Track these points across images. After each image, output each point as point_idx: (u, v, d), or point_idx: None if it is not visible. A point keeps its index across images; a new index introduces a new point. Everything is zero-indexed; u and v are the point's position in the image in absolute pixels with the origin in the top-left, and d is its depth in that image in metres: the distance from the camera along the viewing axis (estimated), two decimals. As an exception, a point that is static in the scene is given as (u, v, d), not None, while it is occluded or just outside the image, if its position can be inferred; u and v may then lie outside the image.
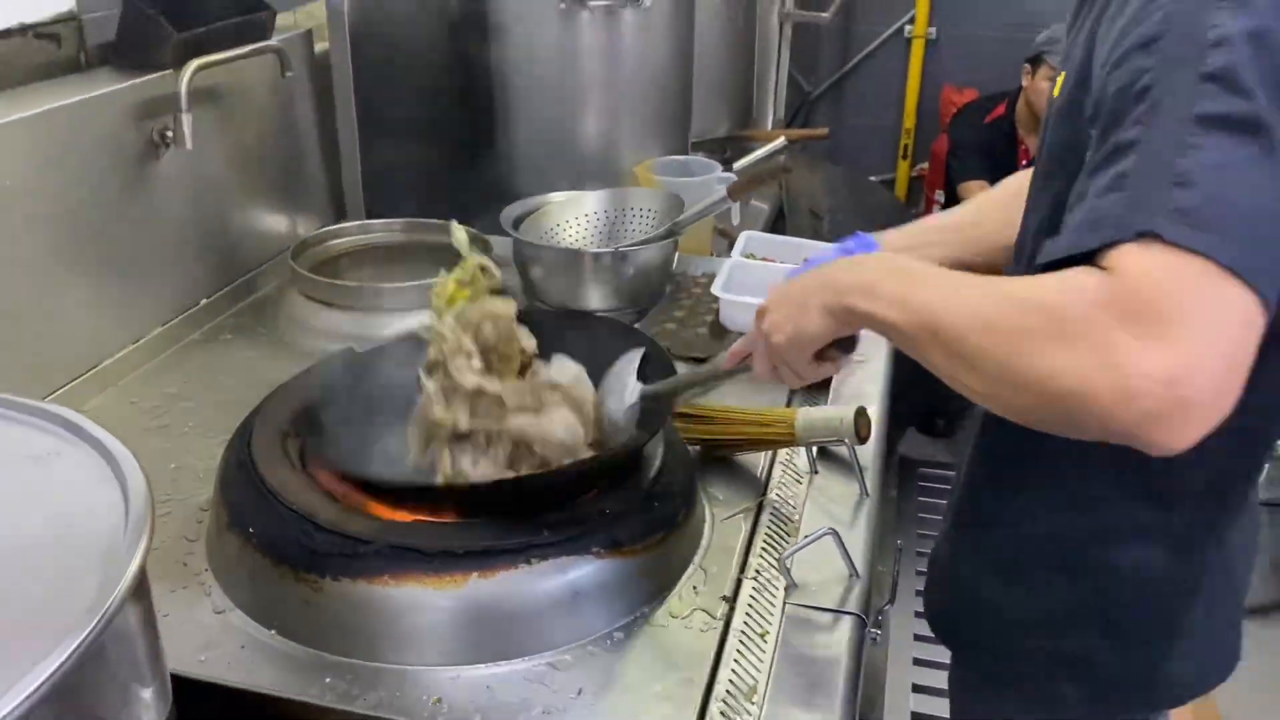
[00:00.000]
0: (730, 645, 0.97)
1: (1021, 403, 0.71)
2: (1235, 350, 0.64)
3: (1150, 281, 0.64)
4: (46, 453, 0.68)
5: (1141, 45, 0.70)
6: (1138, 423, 0.64)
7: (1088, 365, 0.65)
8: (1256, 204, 0.65)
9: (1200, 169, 0.65)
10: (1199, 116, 0.66)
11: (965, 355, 0.72)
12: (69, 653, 0.54)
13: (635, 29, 1.86)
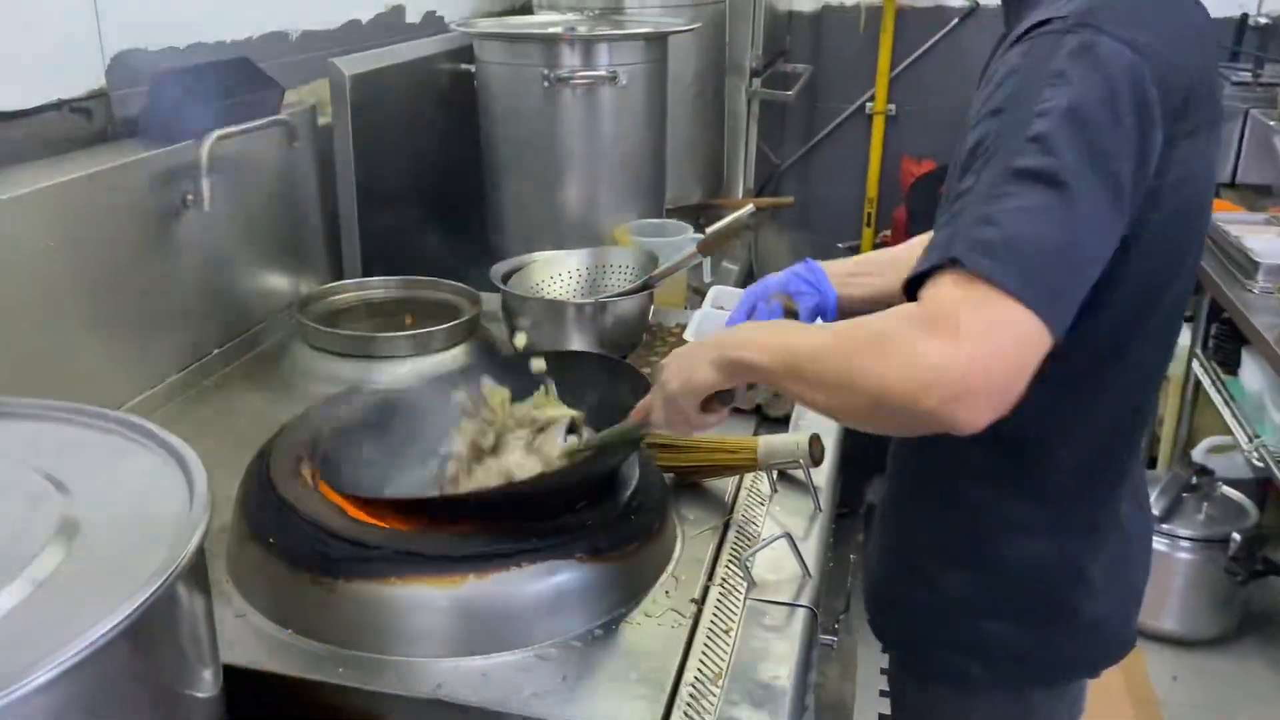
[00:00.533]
0: (698, 639, 1.09)
1: (857, 407, 0.87)
2: (1012, 358, 0.79)
3: (949, 298, 0.81)
4: (119, 452, 0.81)
5: (992, 112, 0.87)
6: (938, 408, 0.79)
7: (898, 367, 0.81)
8: (1044, 243, 0.80)
9: (1005, 212, 0.81)
10: (1015, 170, 0.82)
11: (813, 378, 0.89)
12: (149, 594, 0.66)
13: (613, 105, 2.04)
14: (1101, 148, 0.82)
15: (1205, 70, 0.94)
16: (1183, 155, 0.90)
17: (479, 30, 2.15)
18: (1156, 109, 0.85)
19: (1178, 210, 0.93)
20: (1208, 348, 2.50)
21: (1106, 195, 0.82)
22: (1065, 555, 1.08)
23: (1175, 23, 0.91)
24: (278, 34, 2.02)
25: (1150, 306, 0.99)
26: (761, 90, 2.90)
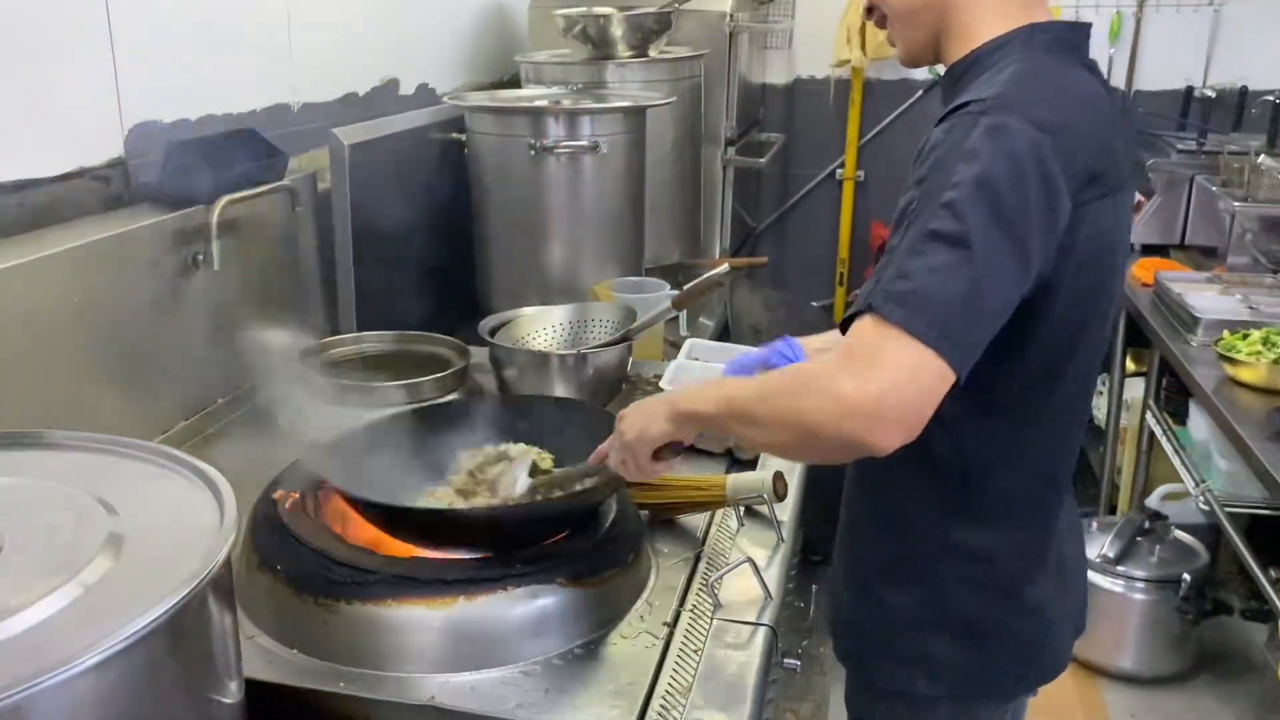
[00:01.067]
0: (670, 657, 1.19)
1: (789, 442, 1.01)
2: (917, 391, 0.93)
3: (865, 340, 0.95)
4: (157, 477, 0.93)
5: (917, 181, 1.01)
6: (856, 434, 0.93)
7: (821, 401, 0.94)
8: (948, 296, 0.94)
9: (918, 269, 0.95)
10: (929, 232, 0.96)
11: (751, 419, 1.03)
12: (184, 595, 0.77)
13: (594, 171, 2.19)
14: (1006, 213, 0.95)
15: (1109, 143, 1.08)
16: (1090, 215, 1.04)
17: (470, 103, 2.30)
18: (1060, 179, 0.99)
19: (1090, 262, 1.06)
20: (1160, 400, 2.64)
21: (1010, 254, 0.96)
22: (1003, 576, 1.19)
23: (1079, 105, 1.05)
24: (281, 106, 2.16)
25: (1072, 347, 1.11)
26: (736, 158, 3.07)
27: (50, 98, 1.60)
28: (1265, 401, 1.95)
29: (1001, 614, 1.20)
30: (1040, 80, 1.04)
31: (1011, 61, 1.06)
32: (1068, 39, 1.12)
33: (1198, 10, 3.53)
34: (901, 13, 1.16)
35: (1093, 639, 2.63)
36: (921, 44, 1.17)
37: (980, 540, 1.18)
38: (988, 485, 1.15)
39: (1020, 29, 1.10)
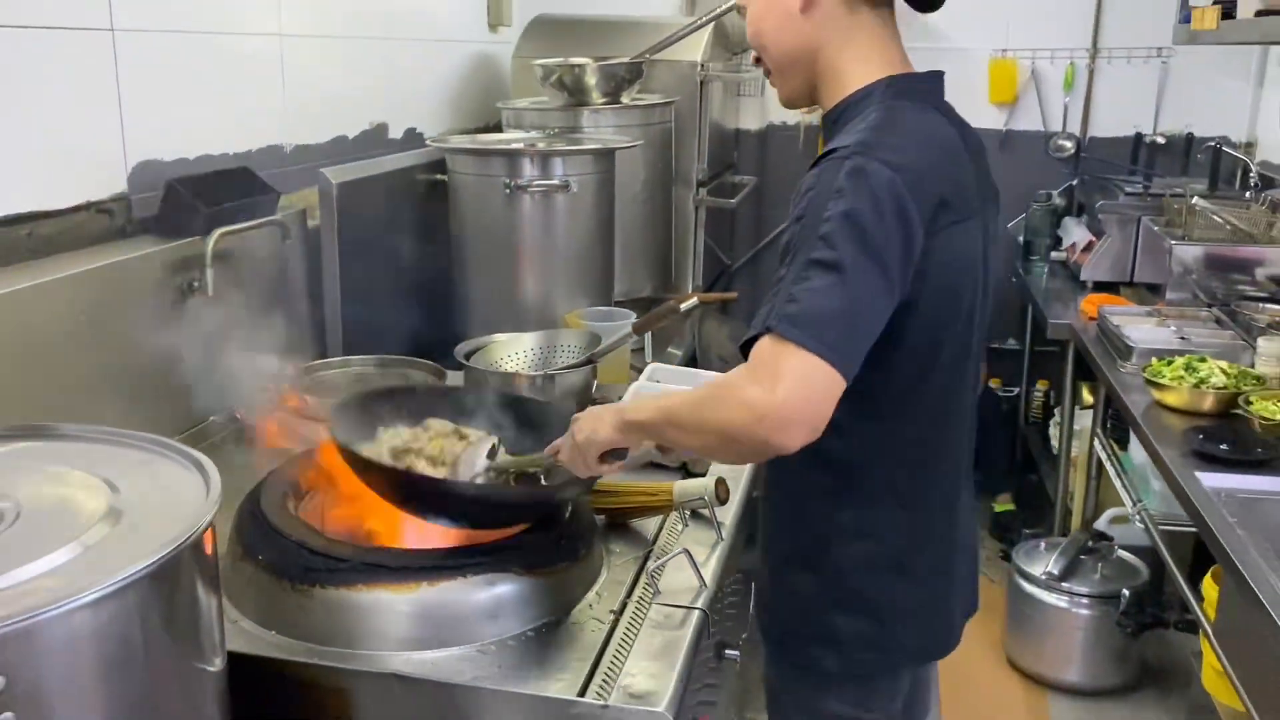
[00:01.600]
0: (614, 639, 1.32)
1: (714, 445, 1.17)
2: (814, 395, 1.09)
3: (766, 356, 1.10)
4: (155, 463, 1.06)
5: (796, 219, 1.17)
6: (766, 436, 1.09)
7: (735, 410, 1.10)
8: (831, 313, 1.09)
9: (804, 292, 1.10)
10: (809, 260, 1.11)
11: (681, 426, 1.19)
12: (169, 551, 0.90)
13: (566, 208, 2.35)
14: (871, 242, 1.11)
15: (957, 178, 1.24)
16: (942, 240, 1.19)
17: (451, 145, 2.47)
18: (913, 211, 1.14)
19: (943, 281, 1.22)
20: (1106, 427, 2.78)
21: (876, 274, 1.12)
22: (887, 553, 1.33)
23: (928, 145, 1.21)
24: (275, 147, 2.32)
25: (934, 355, 1.26)
26: (707, 198, 3.23)
27: (61, 137, 1.76)
28: (1188, 423, 2.09)
29: (891, 589, 1.33)
30: (895, 125, 1.20)
31: (873, 109, 1.23)
32: (921, 87, 1.29)
33: (1147, 61, 3.72)
34: (780, 65, 1.33)
35: (1039, 652, 2.76)
36: (797, 90, 1.34)
37: (865, 522, 1.32)
38: (869, 474, 1.29)
39: (880, 80, 1.26)
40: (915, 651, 1.39)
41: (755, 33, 1.34)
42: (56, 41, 1.72)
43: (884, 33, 1.29)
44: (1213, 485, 1.83)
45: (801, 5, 1.26)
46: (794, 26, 1.28)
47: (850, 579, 1.33)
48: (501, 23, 3.57)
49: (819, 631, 1.35)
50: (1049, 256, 3.58)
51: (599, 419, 1.30)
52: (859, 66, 1.27)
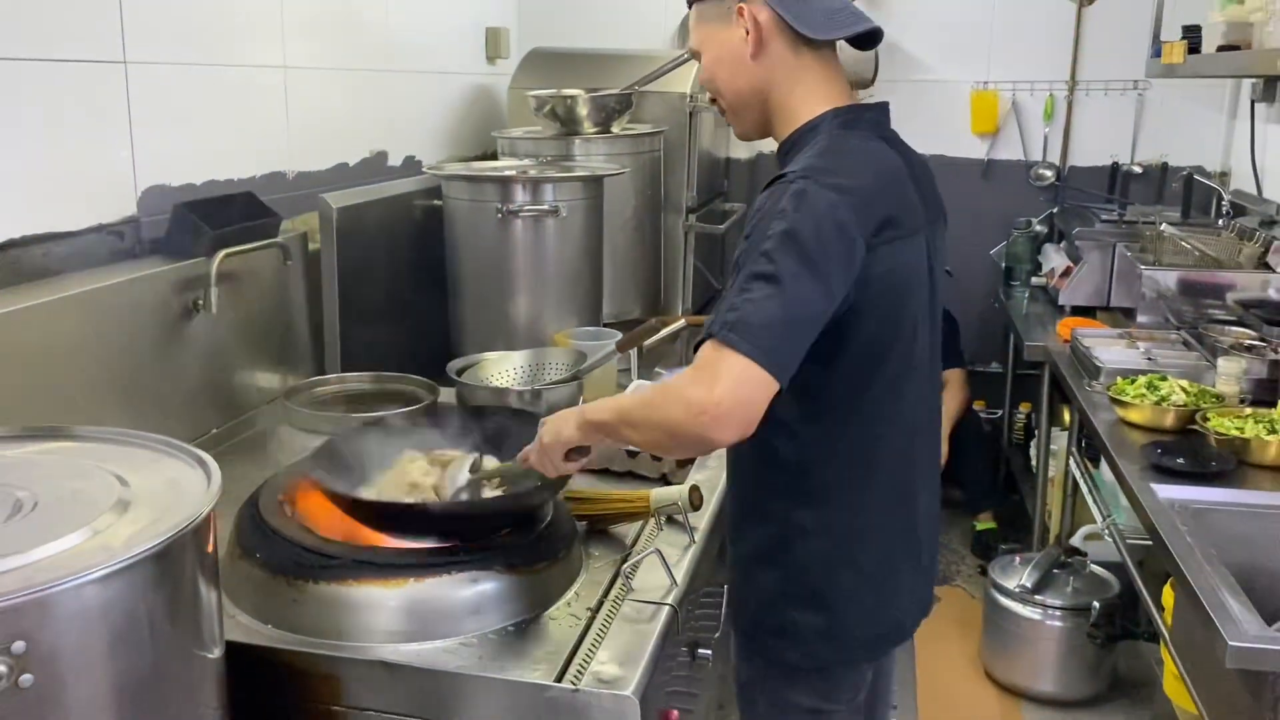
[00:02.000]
0: (590, 634, 1.40)
1: (661, 440, 1.27)
2: (746, 396, 1.19)
3: (707, 359, 1.20)
4: (161, 460, 1.16)
5: (745, 236, 1.27)
6: (703, 431, 1.19)
7: (676, 407, 1.21)
8: (767, 321, 1.19)
9: (744, 302, 1.20)
10: (751, 274, 1.22)
11: (633, 423, 1.29)
12: (171, 535, 1.00)
13: (555, 232, 2.45)
14: (809, 256, 1.22)
15: (899, 197, 1.35)
16: (886, 253, 1.30)
17: (446, 173, 2.58)
18: (854, 227, 1.25)
19: (888, 289, 1.32)
20: (1080, 446, 2.86)
21: (811, 285, 1.22)
22: (844, 549, 1.41)
23: (872, 171, 1.32)
24: (278, 173, 2.43)
25: (878, 359, 1.36)
26: (697, 224, 3.33)
27: (75, 163, 1.86)
28: (1149, 439, 2.18)
29: (842, 583, 1.42)
30: (839, 151, 1.32)
31: (821, 138, 1.35)
32: (865, 117, 1.40)
33: (1124, 93, 3.84)
34: (734, 105, 1.45)
35: (1014, 663, 2.83)
36: (751, 125, 1.46)
37: (819, 520, 1.41)
38: (819, 474, 1.39)
39: (827, 112, 1.38)
40: (869, 642, 1.47)
41: (709, 78, 1.46)
42: (73, 73, 1.83)
43: (828, 70, 1.41)
44: (1167, 497, 1.92)
45: (752, 52, 1.38)
46: (746, 71, 1.40)
47: (808, 575, 1.42)
48: (499, 55, 3.70)
49: (780, 625, 1.43)
50: (1030, 282, 3.67)
51: (563, 420, 1.41)
52: (806, 101, 1.39)
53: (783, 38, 1.38)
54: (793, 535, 1.41)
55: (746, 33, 1.38)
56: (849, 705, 1.49)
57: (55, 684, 0.91)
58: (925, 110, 3.95)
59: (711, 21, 1.43)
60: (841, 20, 1.39)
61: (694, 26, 1.47)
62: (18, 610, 0.88)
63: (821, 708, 1.46)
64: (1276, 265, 2.84)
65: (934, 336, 1.48)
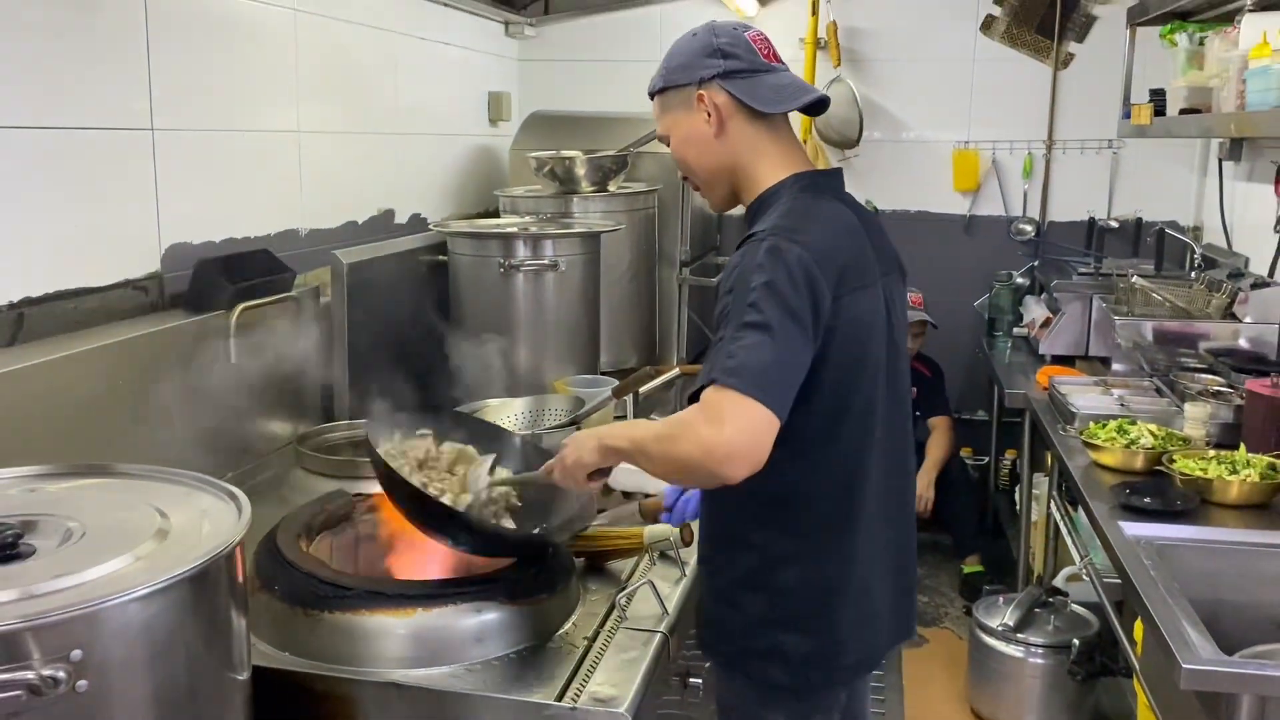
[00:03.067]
0: (587, 659, 1.50)
1: (673, 473, 1.41)
2: (755, 433, 1.31)
3: (713, 401, 1.32)
4: (196, 494, 1.27)
5: (728, 291, 1.40)
6: (716, 468, 1.31)
7: (691, 444, 1.33)
8: (763, 364, 1.33)
9: (739, 349, 1.33)
10: (742, 323, 1.35)
11: (647, 455, 1.42)
12: (205, 559, 1.11)
13: (555, 285, 2.59)
14: (789, 305, 1.35)
15: (858, 253, 1.49)
16: (847, 304, 1.43)
17: (452, 229, 2.72)
18: (820, 280, 1.38)
19: (850, 337, 1.45)
20: (1061, 490, 2.97)
21: (796, 331, 1.35)
22: (824, 576, 1.51)
23: (828, 227, 1.47)
24: (291, 231, 2.57)
25: (847, 401, 1.48)
26: (690, 277, 3.48)
27: (104, 223, 2.00)
28: (1119, 480, 2.28)
29: (828, 604, 1.52)
30: (801, 212, 1.46)
31: (783, 201, 1.49)
32: (821, 182, 1.56)
33: (1099, 152, 4.01)
34: (706, 180, 1.61)
35: (998, 699, 2.91)
36: (722, 197, 1.62)
37: (799, 548, 1.51)
38: (799, 506, 1.50)
39: (787, 178, 1.53)
40: (853, 665, 1.57)
41: (680, 158, 1.61)
42: (105, 140, 1.98)
43: (785, 139, 1.57)
44: (1134, 534, 2.02)
45: (715, 132, 1.54)
46: (712, 148, 1.55)
47: (792, 600, 1.52)
48: (501, 118, 3.87)
49: (767, 648, 1.53)
50: (1012, 332, 3.80)
51: (582, 446, 1.53)
52: (768, 169, 1.54)
53: (740, 115, 1.54)
54: (775, 563, 1.52)
55: (709, 115, 1.54)
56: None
57: (105, 692, 1.01)
58: (909, 169, 4.13)
59: (675, 109, 1.58)
60: (789, 94, 1.55)
61: (659, 114, 1.62)
62: (73, 623, 0.99)
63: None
64: (1243, 315, 2.97)
65: (898, 378, 1.60)
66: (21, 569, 1.08)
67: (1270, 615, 1.98)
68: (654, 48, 4.36)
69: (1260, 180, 3.26)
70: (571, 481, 1.55)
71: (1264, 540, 2.02)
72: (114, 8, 1.98)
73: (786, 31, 4.03)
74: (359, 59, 2.90)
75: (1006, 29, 4.03)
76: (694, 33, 1.60)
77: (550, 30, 4.18)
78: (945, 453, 3.81)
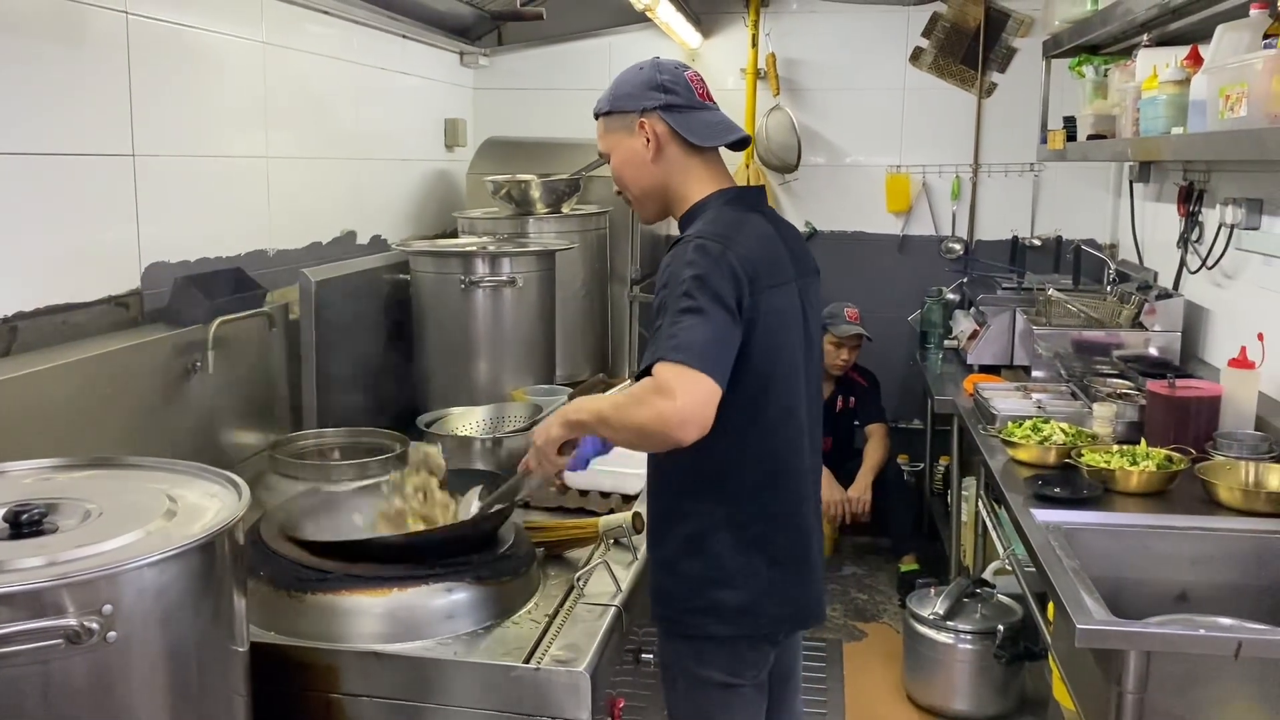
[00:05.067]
0: (549, 631, 1.66)
1: (633, 439, 1.58)
2: (702, 401, 1.50)
3: (664, 376, 1.51)
4: (199, 480, 1.42)
5: (663, 285, 1.60)
6: (670, 432, 1.50)
7: (648, 413, 1.51)
8: (703, 341, 1.52)
9: (680, 330, 1.53)
10: (679, 309, 1.55)
11: (610, 423, 1.60)
12: (213, 530, 1.26)
13: (513, 301, 2.75)
14: (717, 292, 1.56)
15: (773, 255, 1.70)
16: (765, 299, 1.64)
17: (414, 249, 2.87)
18: (741, 274, 1.59)
19: (769, 327, 1.65)
20: (988, 489, 3.18)
21: (724, 314, 1.56)
22: (752, 536, 1.70)
23: (746, 232, 1.67)
24: (261, 251, 2.71)
25: (764, 387, 1.68)
26: (640, 294, 3.66)
27: (89, 244, 2.12)
28: (1033, 473, 2.50)
29: (758, 567, 1.70)
30: (723, 221, 1.68)
31: (710, 211, 1.71)
32: (743, 196, 1.77)
33: (1022, 175, 4.28)
34: (639, 197, 1.82)
35: (930, 685, 3.11)
36: (652, 212, 1.82)
37: (732, 515, 1.70)
38: (729, 477, 1.69)
39: (713, 193, 1.75)
40: (781, 619, 1.75)
41: (618, 176, 1.81)
42: (89, 166, 2.11)
43: (713, 164, 1.78)
44: (1044, 519, 2.22)
45: (652, 156, 1.75)
46: (648, 170, 1.76)
47: (725, 560, 1.70)
48: (457, 144, 4.04)
49: (705, 605, 1.71)
50: (943, 344, 4.04)
51: (549, 424, 1.72)
52: (696, 188, 1.76)
53: (675, 143, 1.75)
54: (709, 529, 1.70)
55: (648, 141, 1.74)
56: (753, 681, 1.76)
57: (130, 644, 1.15)
58: (844, 191, 4.36)
59: (618, 131, 1.78)
60: (719, 130, 1.77)
61: (602, 134, 1.82)
62: (100, 582, 1.13)
63: (729, 681, 1.74)
64: (1150, 324, 3.23)
65: (813, 369, 1.81)
66: (49, 541, 1.22)
67: (1165, 591, 2.19)
68: (603, 76, 4.52)
69: (1166, 200, 3.53)
70: (546, 461, 1.73)
71: (1160, 523, 2.23)
72: (98, 43, 2.11)
73: (728, 62, 4.26)
74: (323, 88, 3.05)
75: (934, 60, 4.29)
76: (640, 66, 1.80)
77: (503, 60, 4.37)
78: (882, 458, 4.02)
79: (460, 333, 2.72)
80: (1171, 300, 3.23)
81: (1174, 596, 2.18)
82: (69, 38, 2.04)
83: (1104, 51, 3.42)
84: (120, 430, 2.02)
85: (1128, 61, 2.95)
